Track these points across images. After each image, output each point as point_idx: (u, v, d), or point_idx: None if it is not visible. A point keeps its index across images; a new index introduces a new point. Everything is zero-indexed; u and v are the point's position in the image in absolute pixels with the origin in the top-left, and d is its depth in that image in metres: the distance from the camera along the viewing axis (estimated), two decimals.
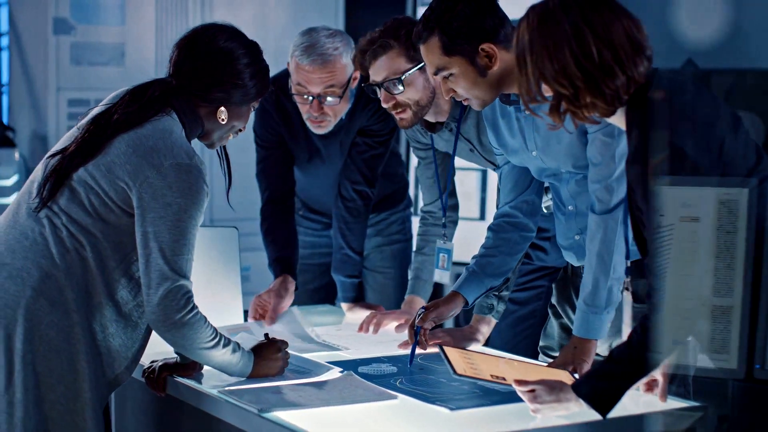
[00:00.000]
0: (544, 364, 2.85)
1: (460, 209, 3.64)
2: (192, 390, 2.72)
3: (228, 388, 2.65)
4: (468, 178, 5.14)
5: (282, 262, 3.65)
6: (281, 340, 2.80)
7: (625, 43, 2.29)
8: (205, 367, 2.81)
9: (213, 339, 2.61)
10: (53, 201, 2.60)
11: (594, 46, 2.28)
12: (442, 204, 3.46)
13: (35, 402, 2.52)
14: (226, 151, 2.86)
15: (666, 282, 2.25)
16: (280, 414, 2.47)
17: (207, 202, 2.60)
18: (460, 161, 3.42)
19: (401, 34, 3.15)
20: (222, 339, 2.64)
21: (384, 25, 3.21)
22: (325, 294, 4.00)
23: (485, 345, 3.19)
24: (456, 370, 2.67)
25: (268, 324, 3.45)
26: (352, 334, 3.38)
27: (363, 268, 3.88)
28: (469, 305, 3.07)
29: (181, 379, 2.76)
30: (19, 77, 5.88)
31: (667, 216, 2.23)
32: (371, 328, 3.40)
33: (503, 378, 2.63)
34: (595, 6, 2.31)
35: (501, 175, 3.08)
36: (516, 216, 3.05)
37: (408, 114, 3.21)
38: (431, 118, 3.30)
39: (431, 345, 3.00)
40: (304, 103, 3.54)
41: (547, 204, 3.26)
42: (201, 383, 2.73)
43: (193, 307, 2.57)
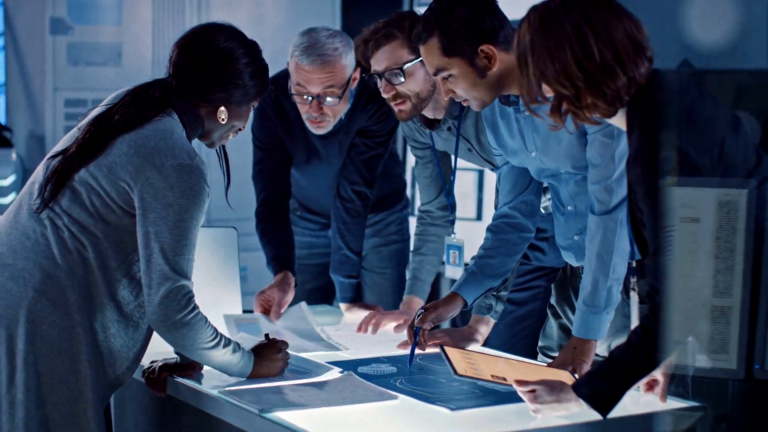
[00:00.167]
0: (544, 364, 2.86)
1: (457, 209, 3.65)
2: (192, 390, 2.72)
3: (228, 389, 2.65)
4: (465, 179, 5.13)
5: (281, 259, 3.65)
6: (281, 341, 2.80)
7: (627, 44, 2.30)
8: (205, 367, 2.81)
9: (213, 339, 2.62)
10: (55, 202, 2.60)
11: (595, 46, 2.28)
12: (448, 201, 3.46)
13: (37, 403, 2.52)
14: (225, 150, 2.86)
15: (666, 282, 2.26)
16: (280, 414, 2.47)
17: (208, 202, 2.60)
18: (457, 161, 3.42)
19: (405, 25, 3.15)
20: (222, 339, 2.64)
21: (388, 17, 3.21)
22: (322, 294, 4.00)
23: (483, 345, 3.20)
24: (457, 371, 2.67)
25: (274, 319, 3.45)
26: (350, 334, 3.38)
27: (361, 268, 3.88)
28: (468, 306, 3.07)
29: (181, 380, 2.76)
30: (16, 77, 5.87)
31: (668, 217, 2.24)
32: (370, 328, 3.41)
33: (504, 378, 2.63)
34: (596, 6, 2.31)
35: (500, 176, 3.08)
36: (515, 217, 3.06)
37: (407, 106, 3.21)
38: (429, 114, 3.30)
39: (431, 345, 3.01)
40: (304, 103, 3.54)
41: (545, 204, 3.26)
42: (201, 383, 2.73)
43: (194, 308, 2.58)
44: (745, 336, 2.23)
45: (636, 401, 2.54)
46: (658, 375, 2.55)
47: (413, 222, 3.78)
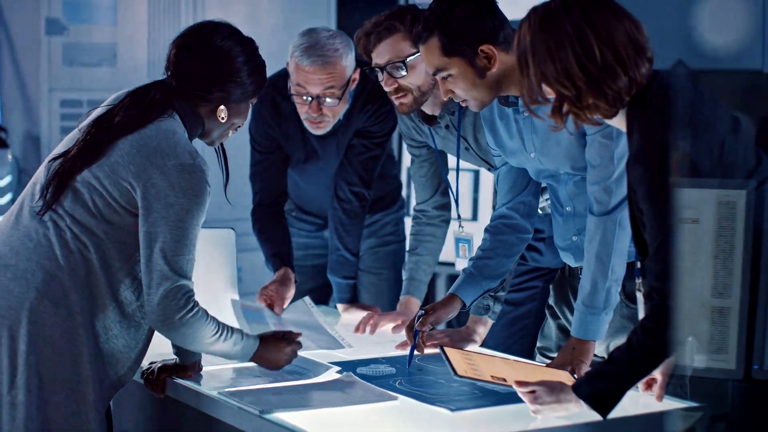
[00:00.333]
0: (543, 364, 2.86)
1: (453, 209, 3.65)
2: (191, 391, 2.72)
3: (228, 390, 2.65)
4: (461, 179, 5.12)
5: (280, 256, 3.66)
6: (295, 338, 2.81)
7: (627, 44, 2.30)
8: (204, 368, 2.81)
9: (215, 334, 2.62)
10: (57, 203, 2.60)
11: (596, 46, 2.28)
12: (454, 197, 3.46)
13: (38, 404, 2.52)
14: (223, 146, 2.87)
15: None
16: (281, 415, 2.48)
17: (209, 202, 2.61)
18: (453, 161, 3.42)
19: (407, 18, 3.15)
20: (224, 332, 2.64)
21: (389, 10, 3.21)
22: (318, 295, 4.00)
23: (480, 346, 3.20)
24: (457, 371, 2.67)
25: (278, 313, 3.45)
26: (348, 335, 3.38)
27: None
28: (467, 307, 3.07)
29: (180, 381, 2.76)
30: (11, 78, 5.86)
31: (668, 218, 2.25)
32: (368, 328, 3.41)
33: (504, 379, 2.63)
34: (597, 7, 2.31)
35: (498, 177, 3.08)
36: (513, 217, 3.06)
37: (409, 99, 3.21)
38: (428, 109, 3.30)
39: (430, 345, 3.01)
40: (303, 103, 3.53)
41: (542, 205, 3.26)
42: (200, 384, 2.73)
43: (192, 307, 2.58)
44: (744, 336, 2.24)
45: (635, 402, 2.55)
46: (657, 374, 2.55)
47: (409, 222, 3.78)
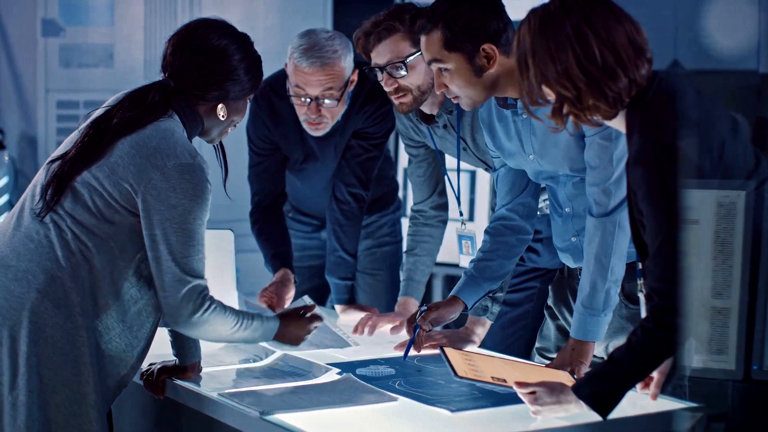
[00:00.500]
0: (543, 365, 2.86)
1: (450, 210, 3.65)
2: (191, 393, 2.72)
3: (228, 391, 2.65)
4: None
5: (279, 257, 3.66)
6: (315, 315, 2.87)
7: (627, 46, 2.30)
8: (204, 369, 2.81)
9: (234, 325, 2.65)
10: (57, 205, 2.60)
11: (596, 47, 2.29)
12: (456, 195, 3.46)
13: (39, 405, 2.52)
14: (221, 143, 2.87)
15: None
16: (281, 416, 2.48)
17: (210, 199, 2.62)
18: (450, 161, 3.42)
19: (406, 18, 3.14)
20: (244, 322, 2.67)
21: (388, 10, 3.21)
22: (316, 296, 3.99)
23: (479, 347, 3.20)
24: (457, 372, 2.67)
25: None
26: (346, 335, 3.37)
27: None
28: (469, 309, 3.07)
29: (180, 382, 2.76)
30: (8, 79, 5.86)
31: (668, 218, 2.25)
32: (366, 329, 3.41)
33: (504, 380, 2.63)
34: (596, 8, 2.32)
35: (497, 178, 3.09)
36: (513, 219, 3.06)
37: (408, 99, 3.21)
38: (427, 109, 3.30)
39: (429, 346, 3.01)
40: (302, 105, 3.53)
41: (540, 206, 3.27)
42: (200, 386, 2.73)
43: (210, 305, 2.60)
44: (743, 337, 2.25)
45: (635, 403, 2.55)
46: (654, 372, 2.55)
47: (405, 223, 3.78)
